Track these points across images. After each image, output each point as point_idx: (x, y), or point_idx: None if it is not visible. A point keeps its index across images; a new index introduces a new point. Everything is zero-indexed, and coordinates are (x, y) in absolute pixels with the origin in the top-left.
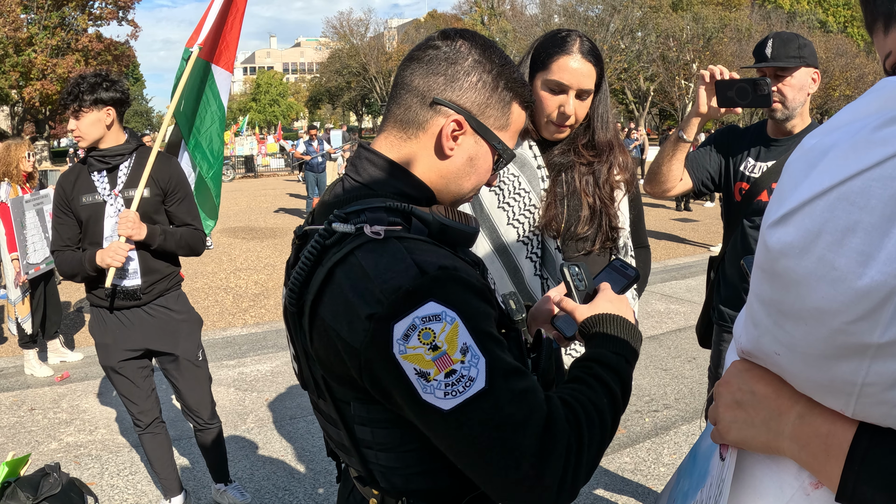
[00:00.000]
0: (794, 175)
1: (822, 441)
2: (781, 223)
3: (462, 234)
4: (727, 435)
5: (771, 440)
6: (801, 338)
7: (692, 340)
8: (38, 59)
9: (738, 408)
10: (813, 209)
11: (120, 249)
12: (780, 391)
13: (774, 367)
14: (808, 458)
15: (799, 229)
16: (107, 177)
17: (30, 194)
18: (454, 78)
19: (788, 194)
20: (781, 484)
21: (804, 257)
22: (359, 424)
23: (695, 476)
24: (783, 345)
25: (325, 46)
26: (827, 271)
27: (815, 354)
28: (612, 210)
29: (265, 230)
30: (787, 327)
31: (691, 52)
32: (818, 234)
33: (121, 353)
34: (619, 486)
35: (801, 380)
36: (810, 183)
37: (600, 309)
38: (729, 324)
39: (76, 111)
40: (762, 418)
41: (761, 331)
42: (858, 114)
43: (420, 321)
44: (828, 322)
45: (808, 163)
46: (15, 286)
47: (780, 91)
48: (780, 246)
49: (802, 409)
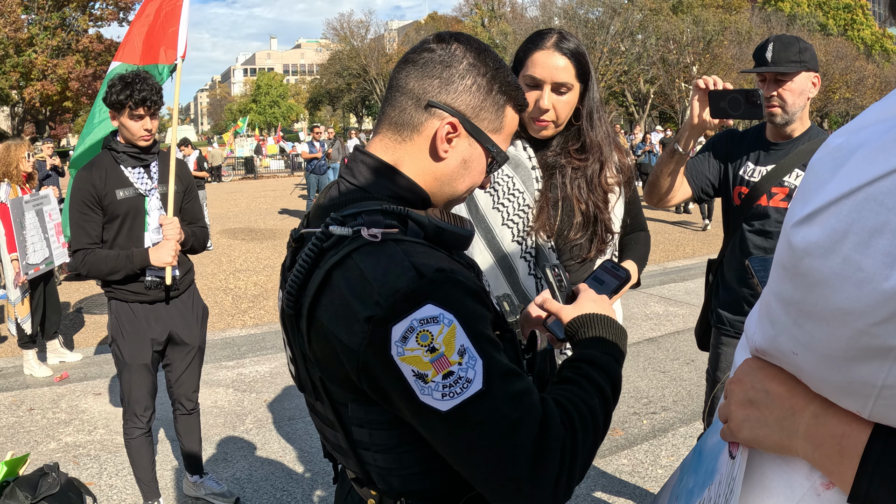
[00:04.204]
0: (820, 174)
1: (837, 442)
2: (806, 222)
3: (458, 236)
4: (739, 433)
5: (784, 439)
6: (822, 338)
7: (690, 343)
8: (38, 60)
9: (751, 406)
10: (840, 209)
11: (172, 249)
12: (795, 390)
13: (790, 366)
14: (822, 459)
15: (825, 229)
16: (145, 172)
17: (29, 195)
18: (449, 81)
19: (814, 193)
20: (792, 483)
21: (829, 257)
22: (356, 426)
23: (700, 473)
24: (802, 345)
25: (326, 48)
26: (853, 272)
27: (835, 356)
28: (606, 216)
29: (265, 231)
30: (807, 327)
31: (691, 55)
32: (845, 235)
33: (154, 345)
34: (617, 487)
35: (818, 380)
36: (837, 182)
37: (585, 309)
38: (727, 327)
39: (152, 111)
40: (775, 417)
41: (779, 329)
42: (886, 113)
43: (418, 323)
44: (851, 323)
45: (835, 162)
46: (14, 286)
47: (780, 96)
48: (805, 245)
49: (817, 409)
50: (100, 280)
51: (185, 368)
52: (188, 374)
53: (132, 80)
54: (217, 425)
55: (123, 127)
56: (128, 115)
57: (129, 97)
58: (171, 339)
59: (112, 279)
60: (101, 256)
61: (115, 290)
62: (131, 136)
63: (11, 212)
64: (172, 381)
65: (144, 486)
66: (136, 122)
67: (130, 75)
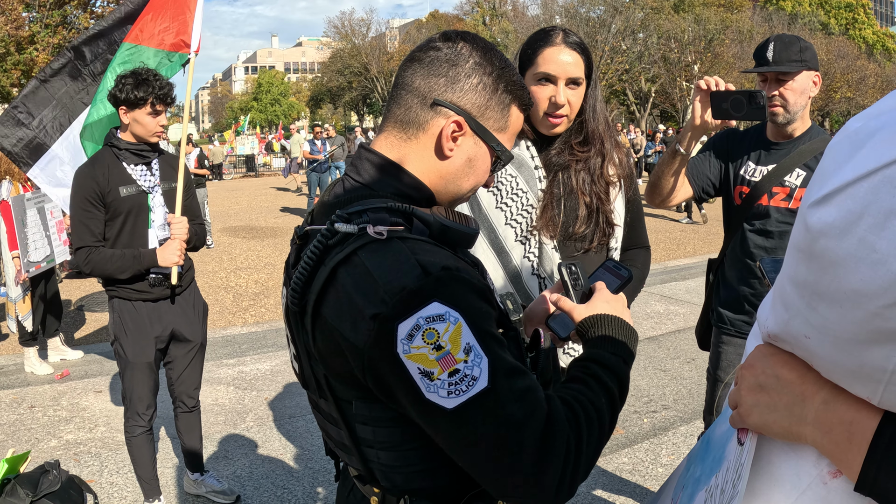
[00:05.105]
0: (838, 156)
1: (846, 428)
2: (823, 203)
3: (462, 235)
4: (748, 418)
5: (793, 425)
6: (834, 320)
7: (691, 342)
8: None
9: (761, 391)
10: (856, 190)
11: (178, 249)
12: (805, 376)
13: (802, 350)
14: (830, 446)
15: (841, 210)
16: (147, 169)
17: (31, 192)
18: (455, 79)
19: (831, 175)
20: (799, 471)
21: (845, 238)
22: (360, 423)
23: (708, 461)
24: (815, 327)
25: (327, 46)
26: (867, 253)
27: (848, 338)
28: (608, 207)
29: (265, 229)
30: (820, 309)
31: (693, 54)
32: (860, 216)
33: (157, 342)
34: (617, 486)
35: (829, 364)
36: (854, 164)
37: (598, 309)
38: (728, 326)
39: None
40: (785, 403)
41: (792, 313)
42: None
43: (424, 321)
44: (864, 305)
45: (853, 144)
46: (15, 284)
47: (781, 95)
48: (821, 226)
49: (827, 395)
50: (101, 278)
51: (186, 365)
52: (190, 371)
53: (146, 75)
54: (218, 423)
55: (137, 123)
56: (147, 110)
57: (150, 93)
58: (173, 337)
59: (119, 277)
60: (106, 255)
61: (117, 289)
62: (145, 132)
63: (13, 209)
64: (174, 379)
65: (145, 483)
66: (153, 118)
67: (143, 71)
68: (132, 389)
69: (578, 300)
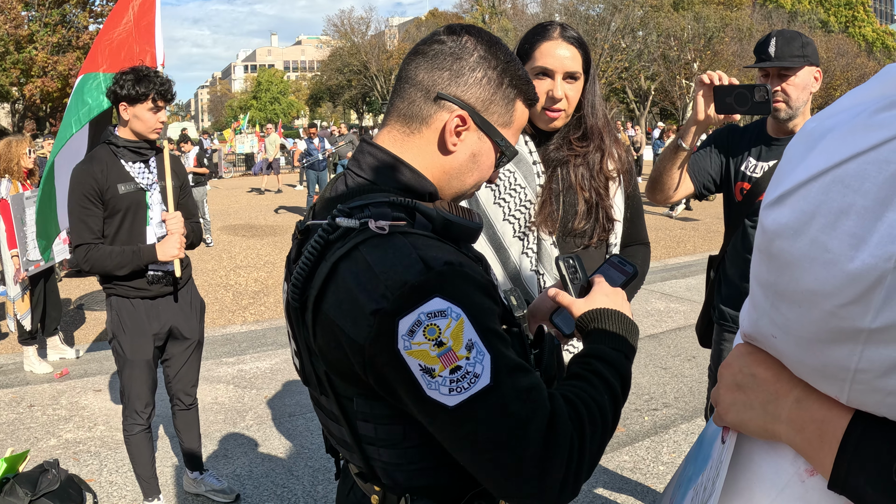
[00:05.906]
0: (793, 157)
1: (818, 427)
2: (777, 204)
3: (466, 229)
4: (726, 416)
5: (768, 423)
6: (795, 320)
7: (692, 339)
8: (38, 57)
9: (738, 390)
10: (808, 191)
11: (178, 242)
12: (780, 375)
13: (772, 350)
14: (803, 444)
15: (794, 211)
16: (145, 167)
17: (30, 191)
18: (459, 73)
19: (786, 175)
20: (778, 469)
21: (798, 239)
22: (361, 420)
23: (699, 460)
24: (779, 327)
25: (326, 45)
26: (820, 253)
27: (809, 338)
28: (608, 202)
29: (265, 228)
30: (782, 309)
31: (692, 52)
32: (812, 216)
33: (155, 340)
34: (619, 484)
35: (796, 363)
36: (807, 165)
37: (597, 303)
38: (730, 323)
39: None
40: (760, 401)
41: (760, 313)
42: (859, 98)
43: (425, 317)
44: (820, 304)
45: (807, 145)
46: (14, 283)
47: (783, 90)
48: (776, 227)
49: (800, 394)
50: (100, 276)
51: (184, 362)
52: (187, 369)
53: (146, 72)
54: (217, 422)
55: (138, 119)
56: (148, 106)
57: (151, 88)
58: (171, 334)
59: (118, 273)
60: (105, 252)
61: (115, 287)
62: (144, 129)
63: (12, 208)
64: (171, 377)
65: (144, 482)
66: (154, 114)
67: (143, 68)
68: (130, 387)
69: (577, 294)
